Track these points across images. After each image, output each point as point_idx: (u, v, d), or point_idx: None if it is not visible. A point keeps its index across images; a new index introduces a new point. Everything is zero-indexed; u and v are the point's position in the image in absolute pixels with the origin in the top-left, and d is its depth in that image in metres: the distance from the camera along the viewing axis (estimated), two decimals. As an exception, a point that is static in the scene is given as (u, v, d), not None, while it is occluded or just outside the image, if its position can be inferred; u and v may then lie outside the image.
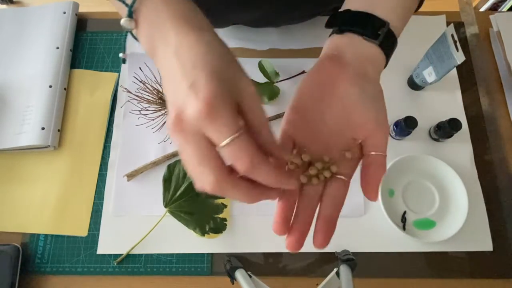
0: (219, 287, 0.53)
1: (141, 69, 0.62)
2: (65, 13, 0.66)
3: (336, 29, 0.33)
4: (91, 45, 0.67)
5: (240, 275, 0.46)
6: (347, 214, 0.56)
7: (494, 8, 1.40)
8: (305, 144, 0.31)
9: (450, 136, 0.58)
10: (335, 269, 0.46)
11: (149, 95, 0.58)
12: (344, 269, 0.44)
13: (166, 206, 0.53)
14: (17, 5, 1.60)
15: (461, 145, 0.60)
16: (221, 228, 0.53)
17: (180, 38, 0.26)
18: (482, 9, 1.38)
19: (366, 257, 0.54)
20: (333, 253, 0.53)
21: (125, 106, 0.62)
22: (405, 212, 0.56)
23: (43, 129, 0.58)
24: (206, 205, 0.54)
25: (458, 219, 0.54)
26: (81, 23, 0.68)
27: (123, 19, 0.29)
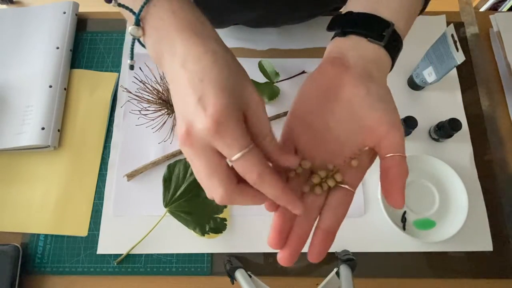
0: (219, 287, 0.53)
1: (141, 69, 0.62)
2: (65, 13, 0.66)
3: (338, 32, 0.32)
4: (91, 45, 0.67)
5: (240, 275, 0.46)
6: (347, 214, 0.56)
7: (494, 8, 1.40)
8: (308, 151, 0.29)
9: (450, 136, 0.58)
10: (335, 269, 0.46)
11: (149, 95, 0.58)
12: (344, 269, 0.44)
13: (166, 206, 0.53)
14: (17, 5, 1.60)
15: (461, 145, 0.60)
16: (221, 228, 0.53)
17: (187, 48, 0.26)
18: (482, 9, 1.38)
19: (366, 257, 0.54)
20: (333, 253, 0.53)
21: (125, 106, 0.62)
22: (405, 212, 0.56)
23: (43, 129, 0.58)
24: (206, 205, 0.54)
25: (458, 219, 0.54)
26: (81, 23, 0.68)
27: (131, 27, 0.29)
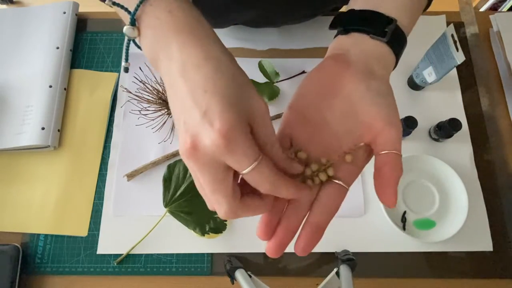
0: (219, 287, 0.53)
1: (141, 69, 0.62)
2: (65, 13, 0.66)
3: (340, 30, 0.32)
4: (91, 45, 0.67)
5: (240, 275, 0.46)
6: (347, 214, 0.56)
7: (494, 8, 1.40)
8: (304, 145, 0.29)
9: (450, 136, 0.58)
10: (335, 269, 0.46)
11: (149, 95, 0.58)
12: (344, 269, 0.44)
13: (166, 206, 0.53)
14: (17, 5, 1.60)
15: (461, 145, 0.60)
16: (221, 228, 0.53)
17: (185, 53, 0.25)
18: (482, 9, 1.39)
19: (366, 257, 0.54)
20: (333, 253, 0.53)
21: (125, 106, 0.62)
22: (405, 212, 0.56)
23: (43, 129, 0.58)
24: (206, 205, 0.54)
25: (458, 219, 0.54)
26: (81, 23, 0.68)
27: (126, 27, 0.27)
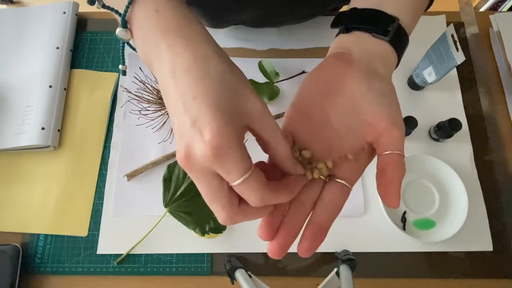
0: (219, 287, 0.53)
1: (141, 69, 0.62)
2: (65, 13, 0.66)
3: (342, 29, 0.32)
4: (91, 45, 0.67)
5: (240, 275, 0.46)
6: (347, 214, 0.56)
7: (494, 8, 1.40)
8: (306, 143, 0.29)
9: (450, 136, 0.58)
10: (335, 269, 0.46)
11: (149, 95, 0.58)
12: (344, 269, 0.44)
13: (166, 206, 0.53)
14: (17, 5, 1.60)
15: (461, 145, 0.60)
16: (221, 228, 0.53)
17: (173, 55, 0.25)
18: (482, 9, 1.39)
19: (366, 257, 0.54)
20: (333, 253, 0.53)
21: (125, 106, 0.62)
22: (405, 212, 0.56)
23: (43, 129, 0.58)
24: (206, 205, 0.54)
25: (458, 219, 0.54)
26: (81, 23, 0.68)
27: (118, 29, 0.27)
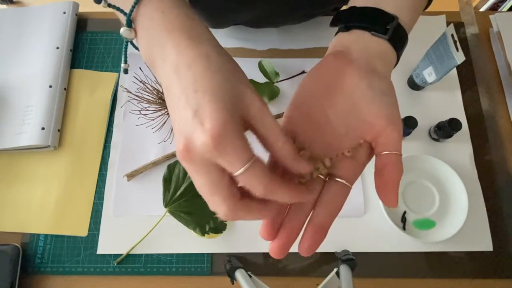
0: (219, 287, 0.53)
1: (141, 69, 0.62)
2: (65, 13, 0.66)
3: (342, 27, 0.32)
4: (91, 45, 0.67)
5: (240, 275, 0.46)
6: (347, 214, 0.56)
7: (494, 8, 1.40)
8: (306, 142, 0.29)
9: (450, 136, 0.58)
10: (335, 269, 0.46)
11: (149, 95, 0.58)
12: (344, 269, 0.44)
13: (166, 206, 0.53)
14: (17, 5, 1.60)
15: (461, 145, 0.60)
16: (221, 228, 0.53)
17: (178, 53, 0.25)
18: (482, 9, 1.38)
19: (366, 257, 0.54)
20: (333, 253, 0.53)
21: (125, 106, 0.62)
22: (405, 212, 0.56)
23: (43, 129, 0.58)
24: (206, 205, 0.53)
25: (458, 219, 0.54)
26: (81, 23, 0.68)
27: (122, 28, 0.28)
